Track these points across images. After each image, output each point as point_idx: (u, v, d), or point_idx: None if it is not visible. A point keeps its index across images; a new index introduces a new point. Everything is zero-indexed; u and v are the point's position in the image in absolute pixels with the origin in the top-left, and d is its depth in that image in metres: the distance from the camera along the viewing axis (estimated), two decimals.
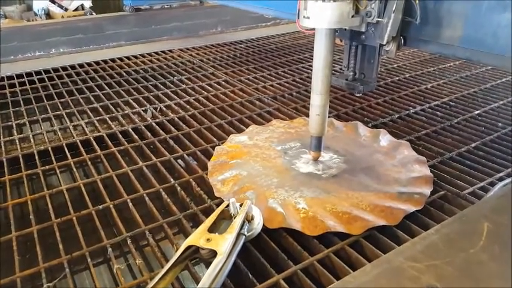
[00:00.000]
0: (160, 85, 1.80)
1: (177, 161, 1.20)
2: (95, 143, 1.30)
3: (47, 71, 1.97)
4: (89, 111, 1.54)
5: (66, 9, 5.29)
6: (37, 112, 1.55)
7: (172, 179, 1.10)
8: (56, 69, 2.00)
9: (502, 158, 1.17)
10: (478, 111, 1.48)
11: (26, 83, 1.83)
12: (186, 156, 1.22)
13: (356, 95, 1.56)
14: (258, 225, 0.86)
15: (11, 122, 1.46)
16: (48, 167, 1.17)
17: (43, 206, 1.02)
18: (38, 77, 1.90)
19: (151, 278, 0.76)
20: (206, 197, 1.02)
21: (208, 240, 0.77)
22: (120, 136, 1.35)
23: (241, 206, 0.86)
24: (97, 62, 2.11)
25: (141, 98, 1.65)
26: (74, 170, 1.16)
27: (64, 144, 1.29)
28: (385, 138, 1.24)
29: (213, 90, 1.73)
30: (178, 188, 1.06)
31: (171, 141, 1.30)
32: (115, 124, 1.45)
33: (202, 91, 1.72)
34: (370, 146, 1.21)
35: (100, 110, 1.56)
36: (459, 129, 1.36)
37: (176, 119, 1.46)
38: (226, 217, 0.86)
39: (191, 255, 0.79)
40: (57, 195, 1.05)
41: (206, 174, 1.11)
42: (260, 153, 1.18)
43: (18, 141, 1.32)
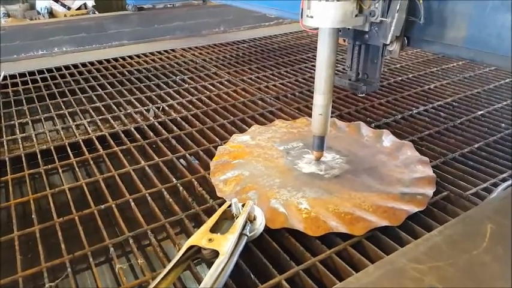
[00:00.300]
0: (162, 84, 1.80)
1: (180, 160, 1.20)
2: (97, 143, 1.30)
3: (49, 70, 1.97)
4: (91, 111, 1.54)
5: (69, 8, 5.30)
6: (40, 111, 1.55)
7: (174, 179, 1.10)
8: (59, 68, 2.00)
9: (505, 159, 1.17)
10: (481, 112, 1.47)
11: (29, 82, 1.84)
12: (188, 156, 1.22)
13: (359, 95, 1.56)
14: (260, 225, 0.86)
15: (13, 121, 1.46)
16: (50, 166, 1.17)
17: (45, 206, 1.02)
18: (41, 76, 1.90)
19: (153, 278, 0.76)
20: (208, 197, 1.02)
21: (210, 240, 0.77)
22: (122, 135, 1.35)
23: (243, 206, 0.86)
24: (100, 61, 2.11)
25: (143, 98, 1.65)
26: (76, 169, 1.16)
27: (66, 143, 1.29)
28: (388, 139, 1.23)
29: (215, 89, 1.73)
30: (181, 188, 1.06)
31: (174, 141, 1.30)
32: (117, 123, 1.45)
33: (205, 91, 1.72)
34: (372, 147, 1.21)
35: (102, 109, 1.56)
36: (462, 130, 1.36)
37: (179, 119, 1.46)
38: (229, 217, 0.86)
39: (193, 255, 0.79)
40: (59, 195, 1.05)
41: (208, 174, 1.11)
42: (262, 153, 1.18)
43: (20, 140, 1.32)
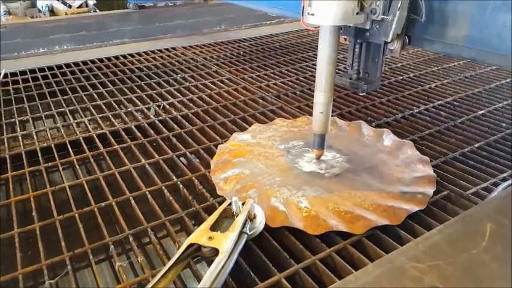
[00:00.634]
0: (163, 83, 1.80)
1: (180, 159, 1.20)
2: (97, 140, 1.30)
3: (50, 68, 1.97)
4: (92, 109, 1.54)
5: (70, 6, 5.30)
6: (40, 109, 1.55)
7: (174, 177, 1.10)
8: (60, 66, 2.00)
9: (506, 159, 1.17)
10: (482, 112, 1.47)
11: (30, 79, 1.84)
12: (188, 154, 1.22)
13: (360, 94, 1.56)
14: (260, 223, 0.86)
15: (14, 119, 1.46)
16: (51, 164, 1.17)
17: (45, 203, 1.02)
18: (42, 73, 1.90)
19: (153, 276, 0.76)
20: (208, 195, 1.02)
21: (210, 238, 0.77)
22: (123, 133, 1.35)
23: (243, 204, 0.86)
24: (100, 60, 2.11)
25: (144, 96, 1.65)
26: (77, 167, 1.16)
27: (67, 141, 1.29)
28: (388, 138, 1.23)
29: (216, 88, 1.73)
30: (181, 186, 1.06)
31: (174, 139, 1.30)
32: (118, 121, 1.45)
33: (206, 89, 1.72)
34: (373, 146, 1.21)
35: (103, 107, 1.56)
36: (463, 129, 1.35)
37: (179, 117, 1.46)
38: (229, 215, 0.86)
39: (193, 253, 0.79)
40: (59, 192, 1.05)
41: (209, 172, 1.11)
42: (263, 152, 1.18)
43: (21, 137, 1.32)
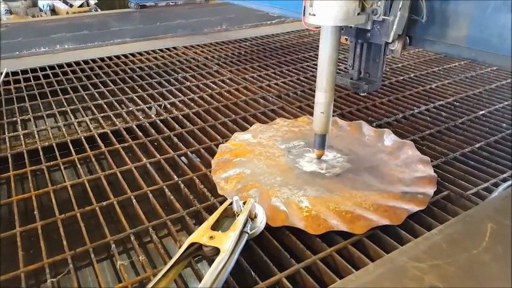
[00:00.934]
0: (164, 82, 1.80)
1: (181, 158, 1.21)
2: (99, 140, 1.30)
3: (51, 67, 1.98)
4: (93, 108, 1.54)
5: (71, 6, 5.30)
6: (42, 108, 1.55)
7: (176, 176, 1.10)
8: (61, 66, 2.00)
9: (506, 159, 1.17)
10: (483, 112, 1.47)
11: (31, 78, 1.84)
12: (189, 153, 1.22)
13: (360, 94, 1.56)
14: (261, 223, 0.87)
15: (15, 118, 1.47)
16: (52, 163, 1.18)
17: (47, 202, 1.02)
18: (43, 73, 1.91)
19: (154, 275, 0.77)
20: (209, 194, 1.02)
21: (211, 237, 0.78)
22: (124, 133, 1.35)
23: (244, 204, 0.86)
24: (102, 59, 2.11)
25: (145, 95, 1.66)
26: (78, 166, 1.16)
27: (68, 140, 1.29)
28: (389, 138, 1.23)
29: (217, 88, 1.73)
30: (182, 186, 1.06)
31: (175, 139, 1.31)
32: (119, 121, 1.45)
33: (207, 89, 1.72)
34: (374, 146, 1.21)
35: (104, 106, 1.56)
36: (463, 130, 1.36)
37: (180, 117, 1.46)
38: (230, 215, 0.86)
39: (194, 253, 0.79)
40: (61, 191, 1.06)
41: (210, 172, 1.11)
42: (264, 152, 1.18)
43: (22, 136, 1.32)
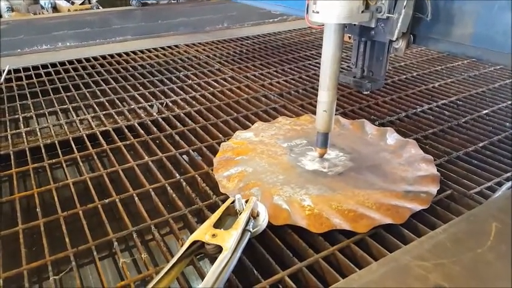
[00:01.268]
0: (166, 80, 1.80)
1: (183, 156, 1.20)
2: (101, 137, 1.30)
3: (53, 65, 1.98)
4: (95, 106, 1.54)
5: (73, 3, 5.31)
6: (44, 106, 1.55)
7: (177, 175, 1.10)
8: (63, 63, 2.00)
9: (510, 158, 1.16)
10: (486, 111, 1.47)
11: (33, 76, 1.84)
12: (191, 151, 1.22)
13: (363, 92, 1.56)
14: (263, 221, 0.86)
15: (17, 115, 1.47)
16: (54, 161, 1.17)
17: (49, 199, 1.02)
18: (45, 70, 1.90)
19: (156, 273, 0.76)
20: (211, 192, 1.02)
21: (213, 235, 0.77)
22: (126, 131, 1.35)
23: (246, 202, 0.86)
24: (103, 56, 2.11)
25: (147, 93, 1.65)
26: (80, 163, 1.16)
27: (70, 138, 1.29)
28: (392, 137, 1.23)
29: (219, 86, 1.73)
30: (184, 184, 1.06)
31: (177, 137, 1.30)
32: (121, 119, 1.45)
33: (209, 87, 1.72)
34: (376, 144, 1.21)
35: (106, 104, 1.56)
36: (467, 129, 1.35)
37: (182, 115, 1.46)
38: (232, 213, 0.86)
39: (196, 251, 0.79)
40: (63, 189, 1.05)
41: (212, 170, 1.11)
42: (266, 150, 1.18)
43: (24, 134, 1.32)
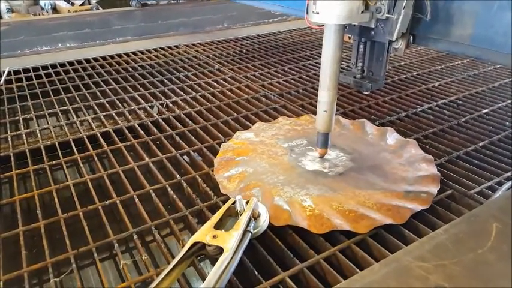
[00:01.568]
0: (166, 81, 1.80)
1: (183, 157, 1.20)
2: (101, 139, 1.30)
3: (53, 66, 1.98)
4: (95, 107, 1.54)
5: (73, 4, 5.31)
6: (44, 107, 1.55)
7: (178, 175, 1.10)
8: (63, 64, 2.00)
9: (510, 158, 1.16)
10: (486, 110, 1.47)
11: (33, 77, 1.84)
12: (192, 152, 1.22)
13: (363, 92, 1.56)
14: (264, 222, 0.86)
15: (17, 117, 1.46)
16: (54, 162, 1.17)
17: (49, 201, 1.02)
18: (45, 71, 1.90)
19: (157, 274, 0.76)
20: (212, 193, 1.02)
21: (214, 236, 0.77)
22: (126, 132, 1.35)
23: (247, 203, 0.86)
24: (103, 57, 2.11)
25: (147, 94, 1.65)
26: (81, 165, 1.16)
27: (71, 139, 1.29)
28: (392, 137, 1.23)
29: (219, 86, 1.73)
30: (185, 184, 1.06)
31: (177, 138, 1.30)
32: (121, 120, 1.45)
33: (209, 87, 1.72)
34: (377, 144, 1.21)
35: (106, 105, 1.56)
36: (467, 128, 1.35)
37: (182, 115, 1.46)
38: (233, 214, 0.86)
39: (197, 252, 0.79)
40: (63, 190, 1.05)
41: (212, 170, 1.11)
42: (266, 151, 1.18)
43: (25, 135, 1.32)
